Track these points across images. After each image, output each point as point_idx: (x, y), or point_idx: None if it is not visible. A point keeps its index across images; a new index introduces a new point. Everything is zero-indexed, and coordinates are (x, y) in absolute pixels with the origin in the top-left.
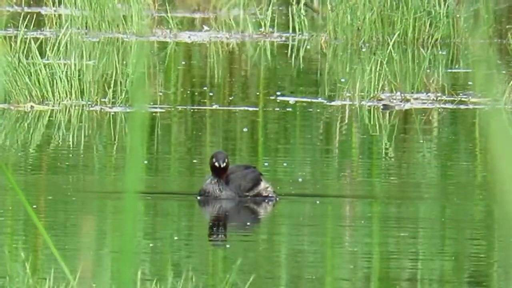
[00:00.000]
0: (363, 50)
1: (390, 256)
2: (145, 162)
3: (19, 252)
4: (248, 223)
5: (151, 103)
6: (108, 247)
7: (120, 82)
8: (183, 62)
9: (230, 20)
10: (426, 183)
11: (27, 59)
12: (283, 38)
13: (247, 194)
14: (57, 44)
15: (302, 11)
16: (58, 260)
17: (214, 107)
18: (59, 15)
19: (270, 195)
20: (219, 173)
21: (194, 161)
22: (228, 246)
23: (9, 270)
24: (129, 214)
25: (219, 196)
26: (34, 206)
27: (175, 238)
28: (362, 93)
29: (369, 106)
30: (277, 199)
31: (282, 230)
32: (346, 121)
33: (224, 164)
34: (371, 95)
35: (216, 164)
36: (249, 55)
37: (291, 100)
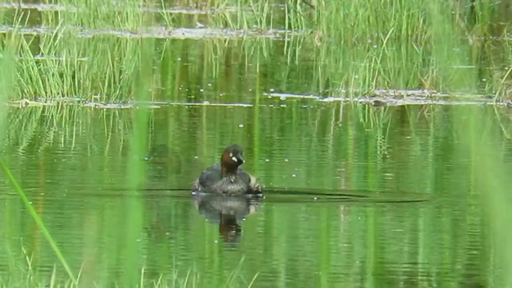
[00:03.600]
0: (357, 47)
1: (387, 256)
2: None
3: (20, 248)
4: (244, 219)
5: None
6: (109, 244)
7: (114, 79)
8: (179, 59)
9: (226, 16)
10: (420, 180)
11: (21, 56)
12: (278, 35)
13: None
14: (51, 40)
15: (299, 7)
16: (59, 257)
17: (205, 103)
18: (55, 12)
19: (260, 190)
20: (234, 169)
21: (196, 157)
22: (229, 244)
23: (10, 266)
24: (133, 212)
25: (237, 195)
26: (30, 202)
27: (167, 233)
28: (357, 90)
29: (361, 102)
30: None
31: (280, 228)
32: (340, 117)
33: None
34: (365, 92)
35: (235, 159)
36: (245, 52)
37: (286, 96)
